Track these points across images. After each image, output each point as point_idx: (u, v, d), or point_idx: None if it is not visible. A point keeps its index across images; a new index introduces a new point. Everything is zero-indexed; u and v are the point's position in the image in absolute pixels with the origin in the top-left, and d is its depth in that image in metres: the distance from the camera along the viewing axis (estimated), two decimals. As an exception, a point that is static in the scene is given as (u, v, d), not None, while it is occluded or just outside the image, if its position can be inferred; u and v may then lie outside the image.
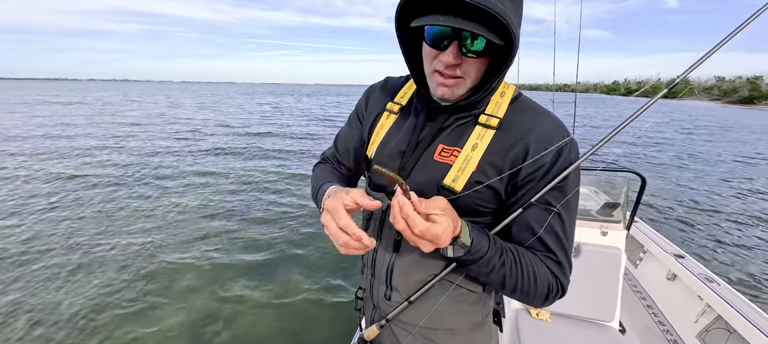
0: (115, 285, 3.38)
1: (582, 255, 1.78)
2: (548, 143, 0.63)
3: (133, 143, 11.22)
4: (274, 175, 7.71)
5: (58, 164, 8.03)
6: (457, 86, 0.64)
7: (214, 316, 3.00)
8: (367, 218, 0.83)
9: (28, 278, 3.47)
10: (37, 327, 2.80)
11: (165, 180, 7.00)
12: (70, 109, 23.67)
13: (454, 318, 0.78)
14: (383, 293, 0.81)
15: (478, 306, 0.79)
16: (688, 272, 2.25)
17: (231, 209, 5.53)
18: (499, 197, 0.67)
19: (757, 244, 4.86)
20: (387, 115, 0.79)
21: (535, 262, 0.65)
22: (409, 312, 0.76)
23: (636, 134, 1.24)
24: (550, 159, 0.63)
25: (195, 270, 3.71)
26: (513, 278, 0.63)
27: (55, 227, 4.62)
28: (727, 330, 1.94)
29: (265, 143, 11.92)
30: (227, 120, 18.61)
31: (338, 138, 0.91)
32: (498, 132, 0.66)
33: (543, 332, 1.72)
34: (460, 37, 0.59)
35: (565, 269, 0.67)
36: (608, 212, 1.96)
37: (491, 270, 0.63)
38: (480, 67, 0.63)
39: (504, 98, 0.69)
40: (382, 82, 0.88)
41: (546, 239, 0.65)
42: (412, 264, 0.75)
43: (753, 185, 8.06)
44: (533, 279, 0.64)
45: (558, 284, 0.67)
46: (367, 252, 0.77)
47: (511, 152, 0.64)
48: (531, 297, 0.66)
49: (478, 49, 0.59)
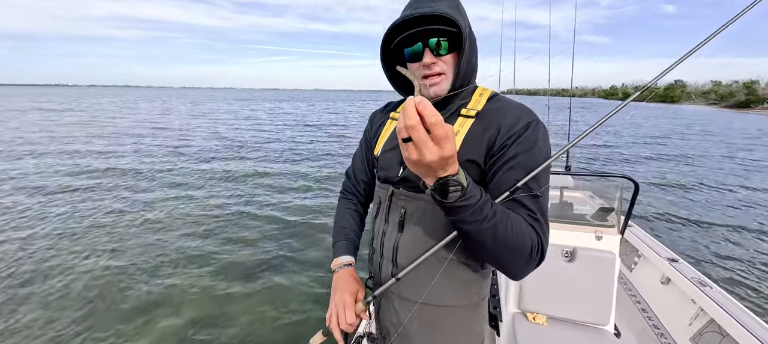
0: (105, 293, 3.38)
1: (577, 259, 1.80)
2: (517, 119, 0.77)
3: (124, 148, 11.26)
4: (269, 177, 7.77)
5: (54, 175, 8.04)
6: (443, 82, 0.82)
7: (209, 320, 3.01)
8: (377, 205, 0.97)
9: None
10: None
11: (163, 184, 7.04)
12: (58, 115, 23.52)
13: (452, 295, 0.86)
14: (390, 271, 0.89)
15: (475, 287, 0.87)
16: (682, 276, 2.28)
17: (224, 214, 5.55)
18: (480, 169, 0.78)
19: (749, 247, 4.91)
20: (390, 122, 0.98)
21: (518, 219, 0.70)
22: (410, 288, 0.86)
23: (618, 133, 1.26)
24: (519, 129, 0.76)
25: (188, 275, 3.71)
26: (502, 228, 0.67)
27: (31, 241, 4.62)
28: (720, 333, 1.96)
29: (258, 146, 11.99)
30: (217, 126, 18.68)
31: (355, 161, 1.12)
32: (476, 120, 0.81)
33: (539, 335, 1.74)
34: (430, 46, 0.79)
35: (544, 227, 0.73)
36: (603, 217, 1.99)
37: (484, 217, 0.65)
38: (452, 62, 0.82)
39: (482, 96, 0.85)
40: (384, 106, 1.08)
41: (524, 200, 0.73)
42: (416, 241, 0.84)
43: (746, 184, 8.15)
44: (520, 232, 0.68)
45: (539, 241, 0.71)
46: (376, 238, 0.95)
47: (487, 132, 0.78)
48: (517, 253, 0.69)
49: (446, 48, 0.80)
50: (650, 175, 9.23)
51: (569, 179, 2.43)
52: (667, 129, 21.35)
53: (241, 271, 3.83)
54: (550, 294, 1.81)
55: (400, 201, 0.88)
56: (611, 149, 13.32)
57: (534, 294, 1.84)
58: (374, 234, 0.98)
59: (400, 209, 0.87)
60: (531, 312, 1.86)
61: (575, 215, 2.06)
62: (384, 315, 0.95)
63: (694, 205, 6.80)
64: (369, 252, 1.02)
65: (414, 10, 0.78)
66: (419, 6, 0.78)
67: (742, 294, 3.66)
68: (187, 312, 3.10)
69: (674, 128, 22.11)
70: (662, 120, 28.87)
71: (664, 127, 22.70)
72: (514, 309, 1.90)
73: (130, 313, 3.07)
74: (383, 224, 0.92)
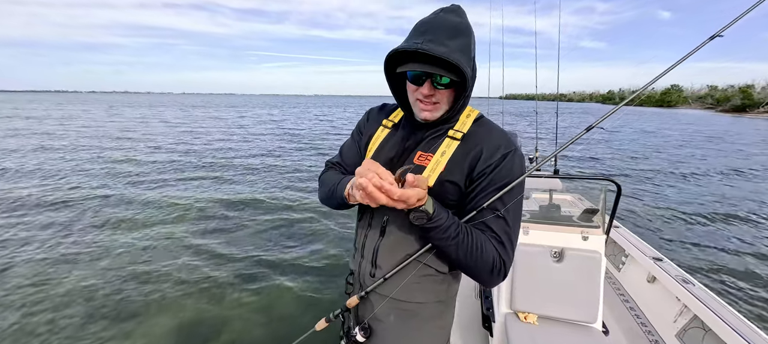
0: (97, 297, 3.41)
1: (565, 260, 1.86)
2: (497, 148, 0.86)
3: (115, 154, 11.32)
4: (263, 179, 7.83)
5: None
6: (436, 110, 0.89)
7: (201, 324, 3.03)
8: (362, 211, 1.05)
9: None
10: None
11: (157, 187, 7.10)
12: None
13: (422, 294, 0.96)
14: (369, 271, 0.99)
15: (444, 285, 0.98)
16: (666, 274, 2.34)
17: (218, 216, 5.59)
18: (460, 190, 0.87)
19: (730, 243, 5.08)
20: (382, 129, 1.04)
21: (483, 239, 0.83)
22: (387, 286, 0.94)
23: (610, 140, 1.33)
24: (497, 159, 0.84)
25: (180, 280, 3.74)
26: (464, 246, 0.81)
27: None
28: (702, 328, 2.03)
29: (250, 151, 12.07)
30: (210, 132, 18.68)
31: (343, 149, 1.14)
32: (461, 142, 0.89)
33: (531, 335, 1.78)
34: (432, 76, 0.84)
35: (508, 250, 0.84)
36: (588, 218, 2.04)
37: (448, 236, 0.80)
38: (449, 96, 0.88)
39: (469, 118, 0.93)
40: (380, 106, 1.13)
41: (492, 224, 0.84)
42: (395, 246, 0.94)
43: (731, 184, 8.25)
44: (481, 250, 0.81)
45: (501, 261, 0.83)
46: (359, 238, 1.04)
47: (469, 155, 0.86)
48: (479, 267, 0.82)
49: (445, 83, 0.85)
50: (647, 176, 9.34)
51: (557, 182, 2.51)
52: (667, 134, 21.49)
53: (238, 273, 3.86)
54: (541, 293, 1.86)
55: (384, 209, 0.91)
56: (607, 151, 13.44)
57: (525, 295, 1.88)
58: (357, 235, 1.07)
59: (384, 217, 0.95)
60: (522, 311, 1.90)
61: (563, 217, 2.12)
62: (363, 307, 1.03)
63: (678, 201, 6.96)
64: (352, 251, 1.11)
65: (428, 44, 0.78)
66: (434, 40, 0.78)
67: (720, 285, 3.82)
68: (182, 313, 3.14)
69: (672, 132, 22.26)
70: (659, 124, 29.02)
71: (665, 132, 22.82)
72: (505, 309, 1.94)
73: (121, 316, 3.10)
74: (366, 227, 1.01)
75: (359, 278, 1.03)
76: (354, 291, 1.06)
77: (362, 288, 1.00)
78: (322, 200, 1.07)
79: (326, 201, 1.05)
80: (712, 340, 1.93)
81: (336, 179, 1.00)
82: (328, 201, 1.03)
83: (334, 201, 1.00)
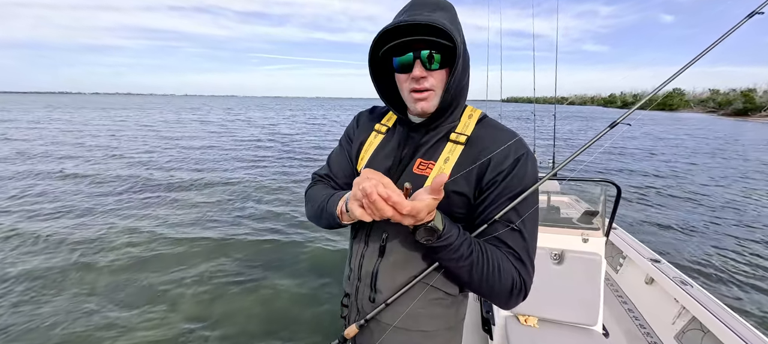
0: (93, 297, 3.41)
1: (565, 262, 1.86)
2: (507, 153, 0.74)
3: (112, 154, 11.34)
4: (260, 183, 7.86)
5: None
6: (431, 98, 0.77)
7: (199, 322, 3.03)
8: (356, 228, 0.91)
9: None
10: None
11: (155, 189, 7.12)
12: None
13: (429, 321, 0.83)
14: (368, 296, 0.85)
15: (453, 309, 0.85)
16: (664, 276, 2.34)
17: (215, 217, 5.60)
18: (468, 201, 0.76)
19: (728, 240, 5.10)
20: (375, 135, 0.91)
21: (500, 257, 0.71)
22: (389, 313, 0.82)
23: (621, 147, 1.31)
24: (508, 165, 0.74)
25: (177, 280, 3.73)
26: (479, 267, 0.69)
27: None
28: (701, 330, 2.02)
29: (246, 153, 12.10)
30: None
31: (331, 159, 1.00)
32: (466, 147, 0.78)
33: (531, 338, 1.77)
34: (421, 58, 0.74)
35: (528, 268, 0.73)
36: (588, 220, 2.04)
37: (460, 257, 0.69)
38: (442, 78, 0.77)
39: (471, 119, 0.82)
40: (370, 109, 1.01)
41: (507, 238, 0.72)
42: (396, 268, 0.81)
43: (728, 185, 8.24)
44: (498, 271, 0.70)
45: (521, 281, 0.72)
46: (354, 259, 0.89)
47: (476, 163, 0.75)
48: (496, 290, 0.71)
49: (438, 62, 0.74)
50: (648, 180, 9.32)
51: (556, 184, 2.51)
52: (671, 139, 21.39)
53: (235, 275, 3.85)
54: (541, 296, 1.84)
55: (382, 224, 0.82)
56: (612, 155, 13.41)
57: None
58: (352, 255, 0.92)
59: (383, 234, 0.83)
60: (522, 314, 1.89)
61: (562, 219, 2.11)
62: (362, 337, 0.89)
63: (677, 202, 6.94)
64: (346, 272, 0.95)
65: (409, 16, 0.72)
66: (415, 13, 0.72)
67: (718, 286, 3.80)
68: (178, 314, 3.14)
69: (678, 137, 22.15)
70: (666, 127, 28.93)
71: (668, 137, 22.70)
72: (506, 312, 1.93)
73: (122, 315, 3.10)
74: (363, 246, 0.87)
75: (357, 303, 0.88)
76: (351, 318, 0.91)
77: (360, 314, 0.87)
78: (310, 218, 0.93)
79: (315, 220, 0.91)
80: (711, 342, 1.93)
81: (325, 194, 0.86)
82: (317, 220, 0.90)
83: (323, 221, 0.86)
